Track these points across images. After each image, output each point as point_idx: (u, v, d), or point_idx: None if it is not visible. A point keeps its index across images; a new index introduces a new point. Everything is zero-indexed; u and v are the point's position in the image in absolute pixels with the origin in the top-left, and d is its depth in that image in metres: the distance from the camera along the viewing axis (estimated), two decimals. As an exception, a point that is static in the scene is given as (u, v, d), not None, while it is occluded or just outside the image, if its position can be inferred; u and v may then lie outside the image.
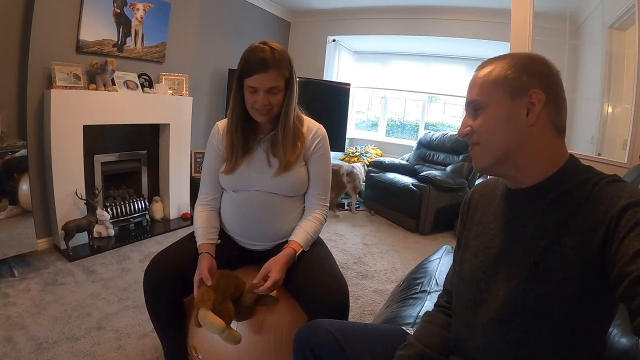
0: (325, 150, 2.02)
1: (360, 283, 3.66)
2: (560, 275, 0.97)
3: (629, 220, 0.87)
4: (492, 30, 5.51)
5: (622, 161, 3.14)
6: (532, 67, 1.05)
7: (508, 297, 1.07)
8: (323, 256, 1.95)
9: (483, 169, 1.14)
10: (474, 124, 1.10)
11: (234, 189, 1.99)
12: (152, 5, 4.23)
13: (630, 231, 0.85)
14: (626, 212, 0.88)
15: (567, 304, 0.97)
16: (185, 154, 4.95)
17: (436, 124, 7.72)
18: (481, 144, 1.10)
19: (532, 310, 1.02)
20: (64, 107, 3.55)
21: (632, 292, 0.80)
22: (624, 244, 0.85)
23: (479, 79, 1.10)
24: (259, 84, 1.76)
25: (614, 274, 0.86)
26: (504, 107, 1.05)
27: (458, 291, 1.29)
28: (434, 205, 5.24)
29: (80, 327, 2.63)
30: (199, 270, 1.77)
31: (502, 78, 1.05)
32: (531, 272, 1.02)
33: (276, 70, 1.77)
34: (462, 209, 1.37)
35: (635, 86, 3.10)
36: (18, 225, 3.25)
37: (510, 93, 1.04)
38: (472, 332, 1.18)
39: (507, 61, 1.07)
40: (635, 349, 1.17)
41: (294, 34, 7.23)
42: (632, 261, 0.82)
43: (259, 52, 1.77)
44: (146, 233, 4.40)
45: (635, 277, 0.80)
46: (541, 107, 1.02)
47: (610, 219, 0.90)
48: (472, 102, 1.11)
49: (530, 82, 1.03)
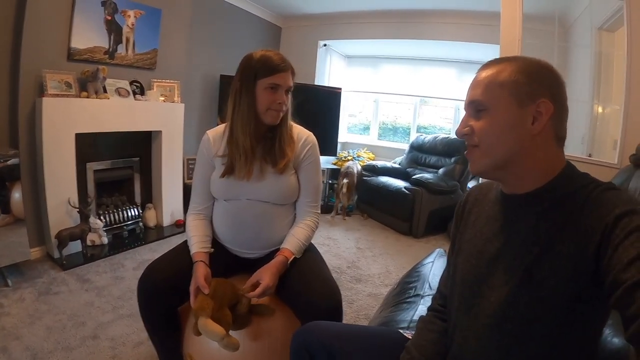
0: (316, 157, 2.03)
1: (355, 287, 3.66)
2: (553, 282, 0.97)
3: (624, 229, 0.87)
4: (481, 33, 5.54)
5: (613, 162, 3.16)
6: (542, 75, 1.05)
7: (500, 302, 1.07)
8: (315, 262, 1.96)
9: (480, 172, 1.14)
10: (476, 125, 1.08)
11: (226, 198, 1.99)
12: (143, 12, 4.22)
13: (624, 239, 0.85)
14: (621, 220, 0.88)
15: (559, 310, 0.97)
16: (178, 160, 4.94)
17: (428, 127, 7.74)
18: (481, 147, 1.08)
19: (523, 316, 1.02)
20: (56, 115, 3.54)
21: (627, 300, 0.80)
22: (618, 252, 0.85)
23: (485, 78, 1.08)
24: (283, 81, 1.82)
25: (608, 281, 0.86)
26: (509, 112, 1.04)
27: (452, 294, 1.29)
28: (426, 208, 5.25)
29: (75, 336, 2.62)
30: (195, 279, 1.76)
31: (511, 82, 1.03)
32: (523, 278, 1.02)
33: (291, 72, 1.87)
34: (457, 211, 1.37)
35: (624, 87, 3.12)
36: (11, 235, 3.23)
37: (518, 99, 1.03)
38: (465, 336, 1.18)
39: (517, 65, 1.05)
40: (627, 349, 1.18)
41: (284, 39, 7.25)
42: (627, 269, 0.82)
43: (274, 54, 1.84)
44: (140, 240, 4.38)
45: (630, 285, 0.80)
46: (548, 118, 1.02)
47: (605, 227, 0.90)
48: (475, 102, 1.09)
49: (539, 91, 1.02)
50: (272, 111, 1.84)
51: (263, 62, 1.81)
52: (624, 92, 3.13)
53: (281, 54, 1.86)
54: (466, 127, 1.11)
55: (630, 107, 3.07)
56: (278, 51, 1.88)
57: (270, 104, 1.82)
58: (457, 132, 1.15)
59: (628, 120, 3.09)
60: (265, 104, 1.82)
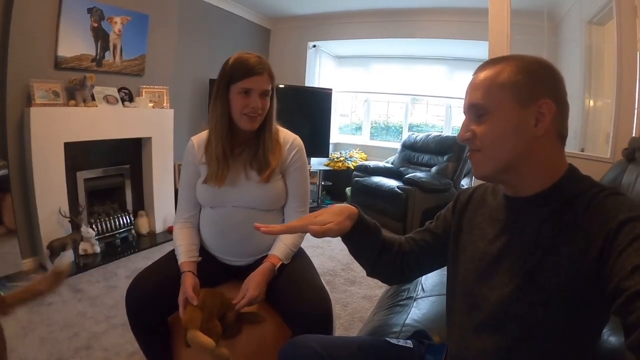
0: (303, 161, 2.01)
1: (349, 290, 3.66)
2: (554, 286, 0.96)
3: (627, 235, 0.85)
4: (470, 30, 5.54)
5: (606, 156, 3.16)
6: (543, 75, 1.03)
7: (500, 303, 1.06)
8: (305, 268, 1.94)
9: (484, 177, 1.13)
10: (478, 130, 1.06)
11: (211, 205, 1.97)
12: (130, 17, 4.20)
13: (628, 246, 0.84)
14: (625, 226, 0.87)
15: (558, 314, 0.97)
16: (169, 166, 4.93)
17: (420, 125, 7.76)
18: (484, 151, 1.07)
19: (523, 318, 1.02)
20: (44, 125, 3.52)
21: (629, 308, 0.79)
22: (621, 259, 0.84)
23: (484, 80, 1.06)
24: (256, 85, 1.77)
25: (610, 288, 0.85)
26: (512, 115, 1.02)
27: (452, 294, 1.28)
28: (420, 207, 5.26)
29: (69, 347, 2.60)
30: (183, 290, 1.74)
31: (512, 83, 1.01)
32: (525, 280, 1.02)
33: (268, 75, 1.82)
34: (459, 206, 1.34)
35: (615, 80, 3.12)
36: (2, 246, 3.22)
37: (520, 100, 1.01)
38: (464, 336, 1.18)
39: (516, 64, 1.03)
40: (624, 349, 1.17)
41: (274, 41, 7.22)
42: (630, 277, 0.80)
43: (250, 57, 1.79)
44: (132, 248, 4.37)
45: (633, 293, 0.79)
46: (551, 119, 1.01)
47: (608, 233, 0.88)
48: (476, 106, 1.06)
49: (540, 91, 1.01)
50: (245, 116, 1.80)
51: (237, 65, 1.78)
52: (615, 85, 3.12)
53: (262, 57, 1.83)
54: (468, 131, 1.09)
55: (622, 100, 3.07)
56: (258, 55, 1.83)
57: (243, 109, 1.78)
58: (458, 138, 1.13)
59: (620, 113, 3.08)
60: (239, 109, 1.79)
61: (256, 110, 1.79)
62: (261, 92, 1.79)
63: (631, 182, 2.34)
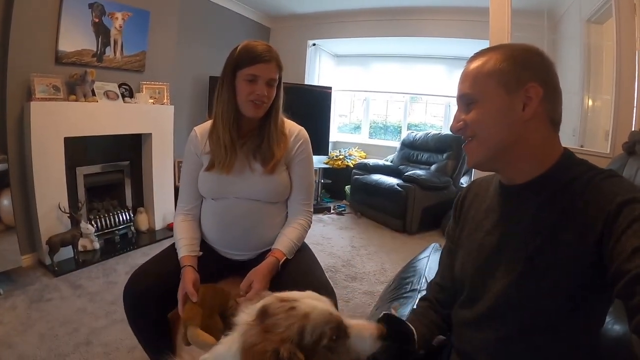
0: (308, 153, 1.98)
1: (350, 285, 3.66)
2: (555, 271, 0.96)
3: (627, 217, 0.85)
4: (470, 29, 5.55)
5: (605, 152, 3.17)
6: (528, 59, 1.03)
7: (502, 293, 1.06)
8: (308, 263, 1.92)
9: (478, 164, 1.12)
10: (467, 118, 1.08)
11: (214, 196, 1.93)
12: (131, 13, 4.19)
13: (627, 228, 0.84)
14: (624, 208, 0.87)
15: (561, 299, 0.96)
16: (169, 163, 4.91)
17: (418, 124, 7.76)
18: (477, 137, 1.07)
19: (525, 307, 1.01)
20: (45, 120, 3.51)
21: (631, 291, 0.79)
22: (621, 241, 0.84)
23: (472, 71, 1.07)
24: (262, 72, 1.75)
25: (612, 271, 0.85)
26: (498, 100, 1.03)
27: (453, 287, 1.29)
28: (419, 204, 5.27)
29: (69, 343, 2.60)
30: (182, 286, 1.71)
31: (496, 70, 1.02)
32: (525, 268, 1.01)
33: (276, 64, 1.80)
34: (455, 205, 1.36)
35: (614, 77, 3.13)
36: (1, 242, 3.20)
37: (506, 86, 1.02)
38: (467, 328, 1.18)
39: (501, 52, 1.05)
40: (629, 336, 1.17)
41: (273, 40, 7.21)
42: (631, 259, 0.80)
43: (258, 45, 1.79)
44: (132, 245, 4.36)
45: (634, 275, 0.78)
46: (538, 102, 1.00)
47: (607, 216, 0.88)
48: (465, 96, 1.08)
49: (526, 76, 1.01)
50: (250, 103, 1.77)
51: (244, 52, 1.76)
52: (614, 82, 3.14)
53: (271, 46, 1.82)
54: (459, 121, 1.10)
55: (621, 97, 3.09)
56: (268, 44, 1.82)
57: (248, 96, 1.76)
58: (451, 128, 1.14)
59: (619, 110, 3.10)
60: (244, 96, 1.77)
61: (262, 97, 1.76)
62: (268, 80, 1.77)
63: (632, 175, 2.36)
